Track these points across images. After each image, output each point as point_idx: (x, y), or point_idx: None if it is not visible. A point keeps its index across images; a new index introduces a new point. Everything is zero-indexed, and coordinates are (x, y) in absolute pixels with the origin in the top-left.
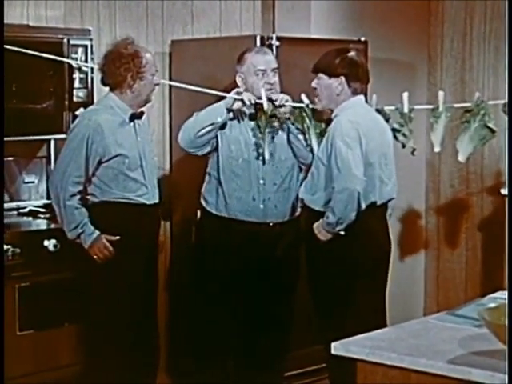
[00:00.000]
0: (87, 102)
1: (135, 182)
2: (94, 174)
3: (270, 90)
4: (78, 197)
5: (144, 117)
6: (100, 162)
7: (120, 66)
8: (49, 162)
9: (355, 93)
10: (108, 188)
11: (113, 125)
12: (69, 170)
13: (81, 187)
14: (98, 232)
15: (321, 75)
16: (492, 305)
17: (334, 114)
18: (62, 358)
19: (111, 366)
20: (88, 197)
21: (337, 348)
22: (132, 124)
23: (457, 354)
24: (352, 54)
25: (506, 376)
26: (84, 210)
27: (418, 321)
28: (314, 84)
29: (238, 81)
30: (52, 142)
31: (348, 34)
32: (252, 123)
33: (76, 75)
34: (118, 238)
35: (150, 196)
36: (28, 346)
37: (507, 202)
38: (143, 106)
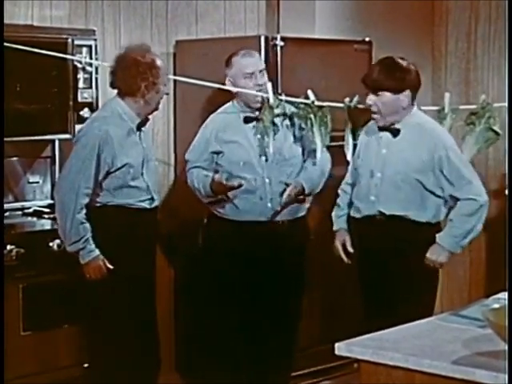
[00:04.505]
0: (91, 103)
1: (138, 189)
2: (100, 184)
3: (260, 90)
4: (85, 210)
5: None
6: (108, 173)
7: (137, 75)
8: (53, 163)
9: (413, 100)
10: (111, 196)
11: (121, 134)
12: (78, 181)
13: (89, 199)
14: (97, 252)
15: (382, 93)
16: (496, 305)
17: (399, 125)
18: (66, 358)
19: (113, 367)
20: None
21: (340, 348)
22: (138, 132)
23: (461, 355)
24: (406, 63)
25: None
26: (88, 225)
27: (422, 321)
28: (370, 101)
29: (228, 84)
30: (56, 142)
31: (352, 35)
32: (250, 125)
33: (80, 75)
34: (112, 267)
35: (150, 201)
36: (32, 347)
37: (507, 202)
38: (150, 114)
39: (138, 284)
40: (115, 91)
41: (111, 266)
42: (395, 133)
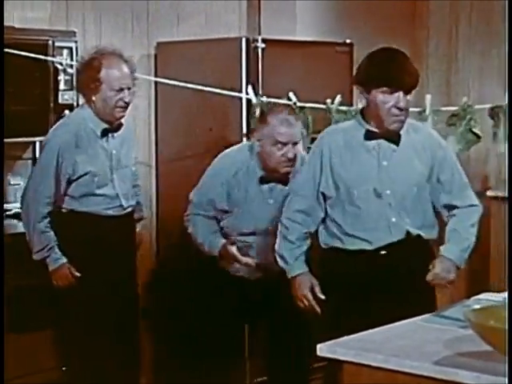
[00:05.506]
0: (72, 104)
1: (104, 197)
2: (65, 193)
3: (288, 166)
4: (48, 219)
5: (123, 127)
6: (69, 181)
7: (85, 80)
8: (34, 164)
9: None
10: (77, 202)
11: (84, 141)
12: (40, 190)
13: (51, 207)
14: (63, 260)
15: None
16: (477, 306)
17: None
18: (45, 361)
19: (93, 369)
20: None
21: (322, 350)
22: (105, 139)
23: (443, 355)
24: None
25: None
26: (52, 233)
27: (404, 322)
28: (407, 101)
29: (254, 140)
30: (37, 144)
31: (333, 36)
32: (266, 186)
33: (61, 77)
34: (79, 275)
35: (119, 208)
36: (11, 349)
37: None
38: (116, 120)
39: (113, 289)
40: None
41: (78, 274)
42: (396, 140)
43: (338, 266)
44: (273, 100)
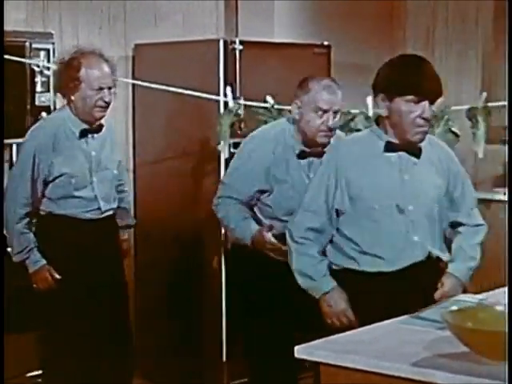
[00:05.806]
0: (49, 106)
1: (83, 199)
2: (43, 194)
3: (326, 135)
4: (26, 220)
5: (104, 129)
6: (46, 182)
7: (64, 79)
8: (11, 166)
9: None
10: (55, 205)
11: (61, 142)
12: (17, 191)
13: (29, 208)
14: (43, 262)
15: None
16: (455, 307)
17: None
18: (30, 363)
19: (82, 371)
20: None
21: (300, 351)
22: (84, 140)
23: (420, 357)
24: None
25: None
26: (31, 235)
27: (382, 324)
28: (432, 111)
29: (294, 107)
30: (14, 147)
31: (311, 38)
32: (305, 161)
33: (38, 79)
34: (59, 277)
35: (97, 211)
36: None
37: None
38: (96, 121)
39: (96, 292)
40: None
41: (58, 276)
42: (417, 152)
43: (352, 290)
44: (250, 103)
